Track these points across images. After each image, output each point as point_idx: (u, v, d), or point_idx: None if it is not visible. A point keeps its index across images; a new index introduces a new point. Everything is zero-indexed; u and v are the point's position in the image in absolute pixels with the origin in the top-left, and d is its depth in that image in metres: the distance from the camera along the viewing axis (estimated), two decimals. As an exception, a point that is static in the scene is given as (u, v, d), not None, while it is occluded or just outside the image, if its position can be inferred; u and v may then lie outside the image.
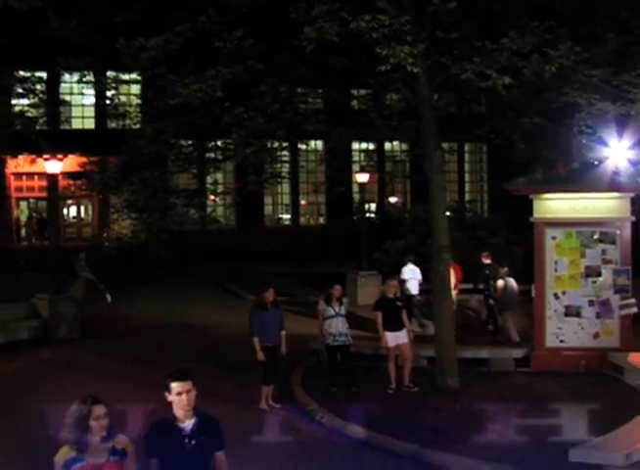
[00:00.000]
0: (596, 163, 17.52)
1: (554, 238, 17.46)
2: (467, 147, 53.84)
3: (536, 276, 17.74)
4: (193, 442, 6.34)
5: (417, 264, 22.77)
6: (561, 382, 16.05)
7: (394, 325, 15.78)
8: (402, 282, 21.52)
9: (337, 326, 15.72)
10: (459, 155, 53.41)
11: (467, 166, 54.83)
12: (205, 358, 18.64)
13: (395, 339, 15.77)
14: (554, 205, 17.53)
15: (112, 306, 26.98)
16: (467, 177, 54.95)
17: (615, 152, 17.56)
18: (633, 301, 17.25)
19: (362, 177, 31.96)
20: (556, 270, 17.48)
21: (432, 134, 15.25)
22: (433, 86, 14.93)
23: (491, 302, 20.85)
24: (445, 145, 49.58)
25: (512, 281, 20.15)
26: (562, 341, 17.47)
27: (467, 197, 53.67)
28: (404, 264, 22.87)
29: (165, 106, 15.18)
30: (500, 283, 20.13)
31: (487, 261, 21.29)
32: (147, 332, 22.93)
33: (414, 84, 14.93)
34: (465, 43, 13.10)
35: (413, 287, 22.23)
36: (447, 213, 36.51)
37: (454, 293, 19.83)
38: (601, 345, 17.26)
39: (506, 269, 20.48)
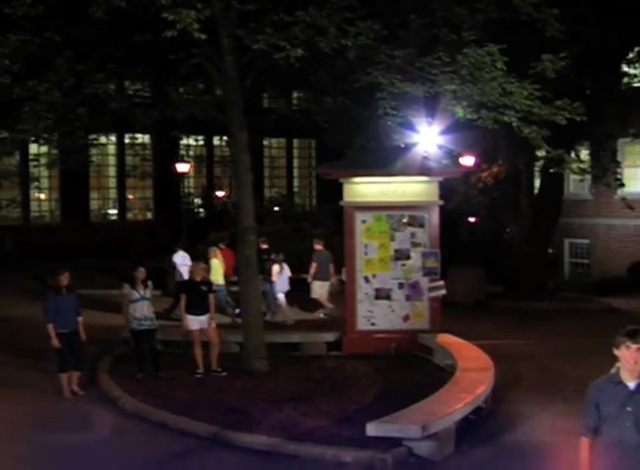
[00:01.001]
0: (404, 146, 17.73)
1: (364, 222, 17.57)
2: (296, 143, 54.19)
3: (346, 260, 17.84)
4: None
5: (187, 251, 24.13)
6: (371, 364, 16.12)
7: (199, 309, 15.49)
8: (173, 268, 23.40)
9: (142, 310, 15.25)
10: (288, 151, 53.74)
11: (296, 162, 55.17)
12: (12, 349, 18.11)
13: (199, 323, 15.49)
14: (363, 189, 17.63)
15: None
16: (296, 172, 55.28)
17: (424, 137, 17.86)
18: (442, 283, 17.58)
19: (182, 167, 31.92)
20: (366, 254, 17.61)
21: (237, 115, 15.01)
22: (239, 65, 14.71)
23: (267, 285, 21.56)
24: (274, 141, 50.69)
25: (286, 267, 21.92)
26: (373, 324, 17.62)
27: (295, 191, 54.00)
28: (175, 251, 23.84)
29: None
30: (275, 268, 21.60)
31: (264, 247, 22.24)
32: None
33: (220, 63, 14.69)
34: (262, 16, 12.95)
35: (183, 272, 22.55)
36: (276, 208, 37.02)
37: (221, 279, 21.37)
38: (411, 327, 17.49)
39: (281, 255, 22.03)
